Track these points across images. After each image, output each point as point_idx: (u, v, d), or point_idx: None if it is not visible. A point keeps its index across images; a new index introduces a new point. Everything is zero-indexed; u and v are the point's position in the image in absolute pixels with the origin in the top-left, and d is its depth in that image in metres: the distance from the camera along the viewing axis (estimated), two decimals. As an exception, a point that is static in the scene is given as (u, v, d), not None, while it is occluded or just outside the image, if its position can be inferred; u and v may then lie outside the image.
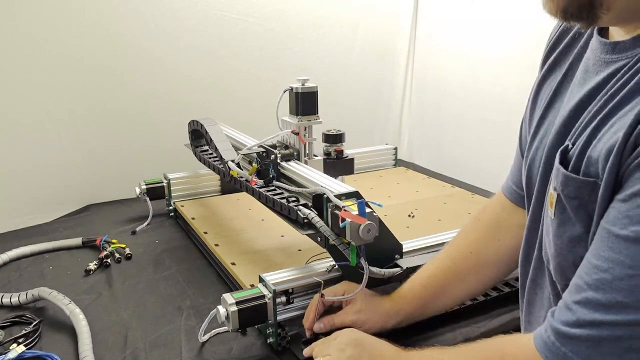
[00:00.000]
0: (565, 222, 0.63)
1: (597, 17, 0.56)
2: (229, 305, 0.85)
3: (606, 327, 0.51)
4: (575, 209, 0.60)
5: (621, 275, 0.51)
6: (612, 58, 0.61)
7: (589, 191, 0.57)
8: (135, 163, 1.63)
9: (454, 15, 1.84)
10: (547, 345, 0.56)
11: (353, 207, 0.84)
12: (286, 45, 1.81)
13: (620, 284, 0.50)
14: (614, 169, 0.54)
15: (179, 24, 1.64)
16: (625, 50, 0.59)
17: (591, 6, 0.55)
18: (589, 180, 0.57)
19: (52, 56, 1.47)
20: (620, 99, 0.56)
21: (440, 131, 1.95)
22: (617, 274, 0.51)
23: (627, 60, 0.58)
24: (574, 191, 0.59)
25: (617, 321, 0.50)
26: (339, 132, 1.42)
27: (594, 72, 0.63)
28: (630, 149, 0.53)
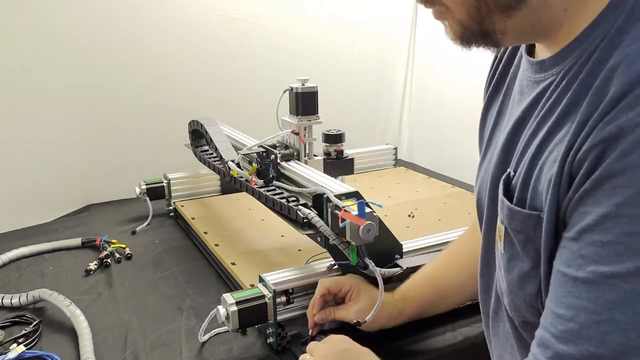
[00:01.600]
0: (514, 257, 0.60)
1: (497, 41, 0.55)
2: (229, 305, 0.85)
3: None
4: (522, 244, 0.57)
5: (588, 323, 0.46)
6: (540, 77, 0.58)
7: (533, 225, 0.54)
8: (135, 163, 1.63)
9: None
10: None
11: (353, 207, 0.84)
12: (286, 45, 1.81)
13: (589, 333, 0.46)
14: (554, 202, 0.51)
15: (179, 24, 1.64)
16: (550, 68, 0.57)
17: (485, 34, 0.54)
18: (533, 214, 0.54)
19: (52, 56, 1.47)
20: (553, 123, 0.54)
21: (440, 131, 1.95)
22: (583, 322, 0.47)
23: (553, 78, 0.56)
24: (519, 225, 0.56)
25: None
26: (339, 132, 1.42)
27: (527, 94, 0.61)
28: (567, 181, 0.50)
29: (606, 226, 0.46)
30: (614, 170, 0.45)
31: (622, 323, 0.45)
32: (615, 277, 0.45)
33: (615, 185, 0.45)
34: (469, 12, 0.54)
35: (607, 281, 0.45)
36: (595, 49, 0.51)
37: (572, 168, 0.49)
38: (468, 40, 0.56)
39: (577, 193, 0.48)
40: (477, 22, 0.54)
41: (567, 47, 0.55)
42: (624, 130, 0.45)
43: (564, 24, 0.54)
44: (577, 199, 0.49)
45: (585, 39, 0.53)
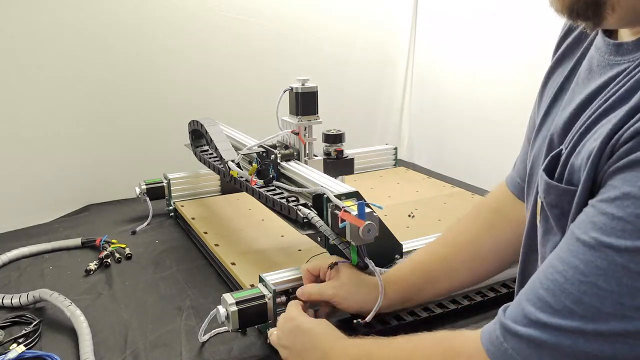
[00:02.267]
0: (548, 231, 0.62)
1: (602, 17, 0.55)
2: (229, 305, 0.85)
3: (549, 330, 0.50)
4: (556, 218, 0.59)
5: (572, 280, 0.50)
6: (615, 60, 0.59)
7: (569, 200, 0.56)
8: (135, 163, 1.63)
9: (454, 15, 1.84)
10: (492, 340, 0.55)
11: (353, 208, 0.84)
12: (286, 45, 1.81)
13: (570, 288, 0.49)
14: (590, 177, 0.53)
15: (179, 24, 1.64)
16: (628, 53, 0.57)
17: (596, 5, 0.54)
18: (570, 189, 0.56)
19: (52, 57, 1.47)
20: (610, 105, 0.55)
21: (440, 131, 1.95)
22: (569, 277, 0.50)
23: (629, 64, 0.56)
24: (555, 199, 0.58)
25: (560, 326, 0.49)
26: (339, 132, 1.42)
27: (597, 73, 0.61)
28: (607, 156, 0.51)
29: (623, 203, 0.48)
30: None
31: (603, 290, 0.47)
32: (613, 249, 0.48)
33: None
34: None
35: (603, 250, 0.48)
36: None
37: (614, 147, 0.51)
38: (577, 12, 0.56)
39: (612, 167, 0.51)
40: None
41: None
42: None
43: None
44: (610, 172, 0.51)
45: None
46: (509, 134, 1.59)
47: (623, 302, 0.47)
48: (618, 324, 0.47)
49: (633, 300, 0.46)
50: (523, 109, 0.83)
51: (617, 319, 0.47)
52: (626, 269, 0.47)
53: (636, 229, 0.47)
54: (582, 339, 0.48)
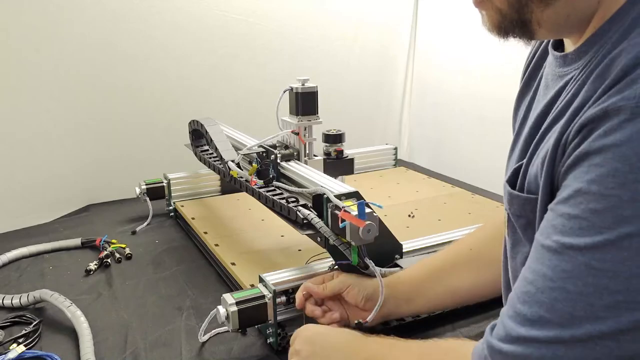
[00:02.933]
0: (517, 243, 0.62)
1: (532, 32, 0.56)
2: (229, 305, 0.85)
3: (530, 344, 0.49)
4: (523, 229, 0.59)
5: (543, 288, 0.49)
6: (564, 71, 0.59)
7: (532, 209, 0.56)
8: (135, 163, 1.63)
9: (454, 16, 1.84)
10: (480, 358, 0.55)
11: (353, 208, 0.84)
12: (286, 45, 1.81)
13: (542, 297, 0.49)
14: (547, 182, 0.53)
15: (179, 24, 1.64)
16: (573, 62, 0.58)
17: (523, 23, 0.56)
18: (531, 197, 0.56)
19: (52, 57, 1.47)
20: (559, 113, 0.56)
21: (440, 131, 1.95)
22: (539, 286, 0.50)
23: (575, 73, 0.57)
24: (518, 209, 0.59)
25: (539, 338, 0.49)
26: (339, 132, 1.42)
27: (551, 88, 0.62)
28: (560, 157, 0.51)
29: (576, 201, 0.48)
30: (592, 148, 0.48)
31: (571, 293, 0.47)
32: (574, 249, 0.47)
33: (591, 163, 0.47)
34: (509, 1, 0.55)
35: (566, 252, 0.48)
36: (611, 42, 0.52)
37: (565, 147, 0.51)
38: (505, 30, 0.57)
39: (563, 167, 0.51)
40: (517, 11, 0.55)
41: (587, 40, 0.55)
42: (608, 112, 0.47)
43: (594, 18, 0.55)
44: (562, 173, 0.51)
45: (604, 32, 0.54)
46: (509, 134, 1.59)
47: (593, 302, 0.46)
48: (592, 326, 0.46)
49: (601, 299, 0.46)
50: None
51: (591, 321, 0.46)
52: (589, 267, 0.46)
53: (592, 225, 0.46)
54: (562, 348, 0.48)
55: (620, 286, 0.45)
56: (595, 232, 0.46)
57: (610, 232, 0.45)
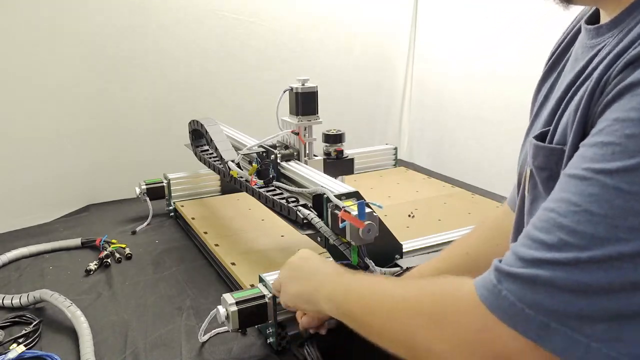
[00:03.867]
0: (537, 198, 0.61)
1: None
2: (229, 305, 0.85)
3: (544, 265, 0.47)
4: (545, 182, 0.58)
5: (565, 212, 0.48)
6: (595, 42, 0.59)
7: (557, 160, 0.56)
8: (135, 163, 1.63)
9: (454, 16, 1.84)
10: (485, 284, 0.52)
11: (353, 208, 0.84)
12: (286, 45, 1.81)
13: (563, 221, 0.47)
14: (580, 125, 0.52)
15: (179, 24, 1.64)
16: (607, 32, 0.58)
17: None
18: (557, 147, 0.56)
19: (52, 57, 1.47)
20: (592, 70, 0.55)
21: (440, 131, 1.95)
22: (562, 211, 0.48)
23: (608, 40, 0.57)
24: (543, 161, 0.58)
25: (555, 259, 0.47)
26: (339, 132, 1.42)
27: (581, 59, 0.62)
28: (598, 95, 0.51)
29: (612, 128, 0.47)
30: (636, 79, 0.47)
31: (596, 215, 0.46)
32: (604, 172, 0.46)
33: (633, 94, 0.47)
34: None
35: (595, 177, 0.47)
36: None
37: (605, 87, 0.50)
38: None
39: (599, 106, 0.50)
40: None
41: (624, 11, 0.55)
42: None
43: None
44: (599, 112, 0.50)
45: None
46: (509, 134, 1.59)
47: (617, 224, 0.45)
48: (613, 247, 0.44)
49: (626, 221, 0.44)
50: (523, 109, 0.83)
51: (612, 243, 0.45)
52: (618, 190, 0.45)
53: (625, 149, 0.45)
54: (577, 270, 0.46)
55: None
56: (628, 156, 0.45)
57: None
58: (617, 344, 0.45)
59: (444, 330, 0.54)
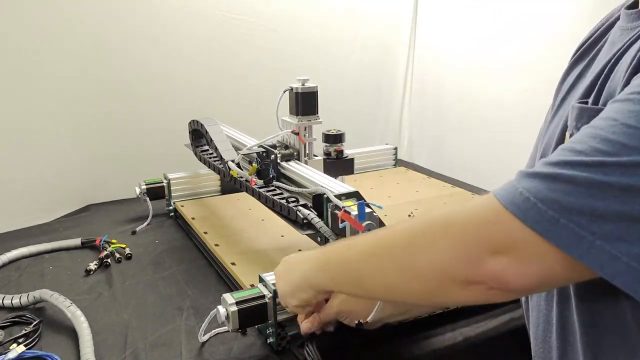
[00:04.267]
0: None
1: None
2: (229, 305, 0.85)
3: (568, 166, 0.48)
4: None
5: (603, 126, 0.48)
6: (635, 25, 0.59)
7: None
8: (135, 163, 1.63)
9: (454, 16, 1.84)
10: (504, 186, 0.52)
11: (353, 208, 0.84)
12: (286, 45, 1.81)
13: (600, 133, 0.48)
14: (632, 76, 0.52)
15: (179, 24, 1.64)
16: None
17: None
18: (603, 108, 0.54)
19: (51, 57, 1.47)
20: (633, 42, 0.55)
21: (440, 131, 1.95)
22: (599, 125, 0.48)
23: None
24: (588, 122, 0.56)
25: (581, 161, 0.47)
26: (339, 132, 1.42)
27: (619, 42, 0.61)
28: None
29: None
30: None
31: (632, 128, 0.46)
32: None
33: None
34: None
35: (638, 97, 0.47)
36: None
37: None
38: None
39: None
40: None
41: None
42: None
43: None
44: None
45: None
46: (509, 134, 1.59)
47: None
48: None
49: None
50: (523, 109, 0.83)
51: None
52: None
53: None
54: (600, 171, 0.46)
55: None
56: None
57: None
58: (620, 243, 0.46)
59: (453, 226, 0.54)
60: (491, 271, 0.50)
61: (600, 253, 0.46)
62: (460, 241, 0.52)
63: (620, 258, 0.46)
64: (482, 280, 0.51)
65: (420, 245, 0.56)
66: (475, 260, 0.51)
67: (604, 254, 0.46)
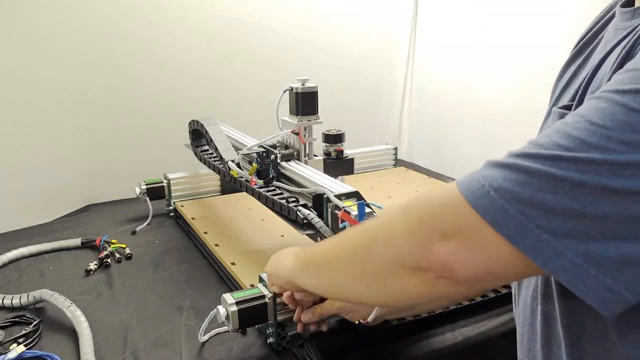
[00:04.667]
0: None
1: None
2: (229, 305, 0.85)
3: (525, 158, 0.47)
4: None
5: (567, 122, 0.48)
6: (629, 24, 0.59)
7: None
8: (135, 163, 1.63)
9: (454, 15, 1.84)
10: (469, 174, 0.52)
11: (353, 208, 0.84)
12: (286, 45, 1.81)
13: (563, 127, 0.47)
14: None
15: (179, 24, 1.64)
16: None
17: None
18: None
19: (52, 57, 1.47)
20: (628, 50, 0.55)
21: (440, 131, 1.95)
22: (566, 120, 0.48)
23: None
24: None
25: (539, 154, 0.47)
26: (339, 132, 1.42)
27: (611, 41, 0.61)
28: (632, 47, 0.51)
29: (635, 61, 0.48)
30: None
31: (594, 125, 0.46)
32: (617, 92, 0.46)
33: None
34: None
35: (607, 95, 0.47)
36: None
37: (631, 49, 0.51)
38: None
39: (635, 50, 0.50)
40: None
41: None
42: None
43: None
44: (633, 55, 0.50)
45: None
46: (509, 134, 1.59)
47: (611, 135, 0.45)
48: (599, 154, 0.44)
49: (622, 134, 0.44)
50: (522, 109, 0.83)
51: (600, 151, 0.45)
52: (624, 106, 0.45)
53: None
54: (555, 165, 0.46)
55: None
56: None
57: None
58: (567, 239, 0.45)
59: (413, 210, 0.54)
60: (438, 256, 0.50)
61: (545, 247, 0.45)
62: (416, 224, 0.53)
63: (565, 254, 0.45)
64: (429, 266, 0.51)
65: (380, 239, 0.57)
66: (426, 244, 0.51)
67: (549, 248, 0.45)
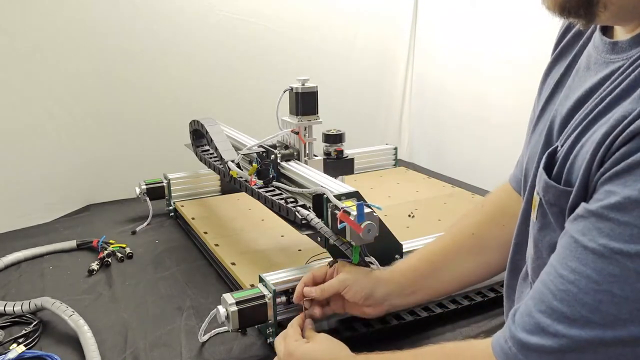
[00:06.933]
0: (545, 227, 0.62)
1: (594, 15, 0.55)
2: (229, 305, 0.85)
3: (569, 340, 0.50)
4: (555, 216, 0.59)
5: (587, 289, 0.50)
6: (611, 59, 0.59)
7: (567, 200, 0.57)
8: (135, 163, 1.63)
9: (454, 15, 1.84)
10: (505, 352, 0.55)
11: (353, 208, 0.84)
12: (287, 45, 1.81)
13: (585, 298, 0.50)
14: (584, 178, 0.54)
15: (179, 24, 1.64)
16: (623, 51, 0.58)
17: (588, 3, 0.54)
18: (567, 190, 0.56)
19: (52, 56, 1.47)
20: (606, 104, 0.55)
21: (440, 131, 1.95)
22: (582, 287, 0.50)
23: (623, 62, 0.57)
24: (553, 199, 0.59)
25: (580, 336, 0.50)
26: (339, 132, 1.42)
27: (594, 71, 0.62)
28: (600, 159, 0.52)
29: (628, 208, 0.48)
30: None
31: (618, 297, 0.48)
32: (624, 254, 0.48)
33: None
34: None
35: (615, 257, 0.48)
36: None
37: (609, 150, 0.51)
38: (569, 10, 0.56)
39: (608, 172, 0.51)
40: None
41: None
42: None
43: None
44: (606, 177, 0.51)
45: None
46: (509, 134, 1.58)
47: (639, 307, 0.47)
48: (636, 328, 0.47)
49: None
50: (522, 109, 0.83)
51: (636, 324, 0.47)
52: (638, 273, 0.47)
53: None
54: (603, 347, 0.49)
55: None
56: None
57: None
58: None
59: None
60: None
61: None
62: None
63: None
64: None
65: None
66: None
67: None
